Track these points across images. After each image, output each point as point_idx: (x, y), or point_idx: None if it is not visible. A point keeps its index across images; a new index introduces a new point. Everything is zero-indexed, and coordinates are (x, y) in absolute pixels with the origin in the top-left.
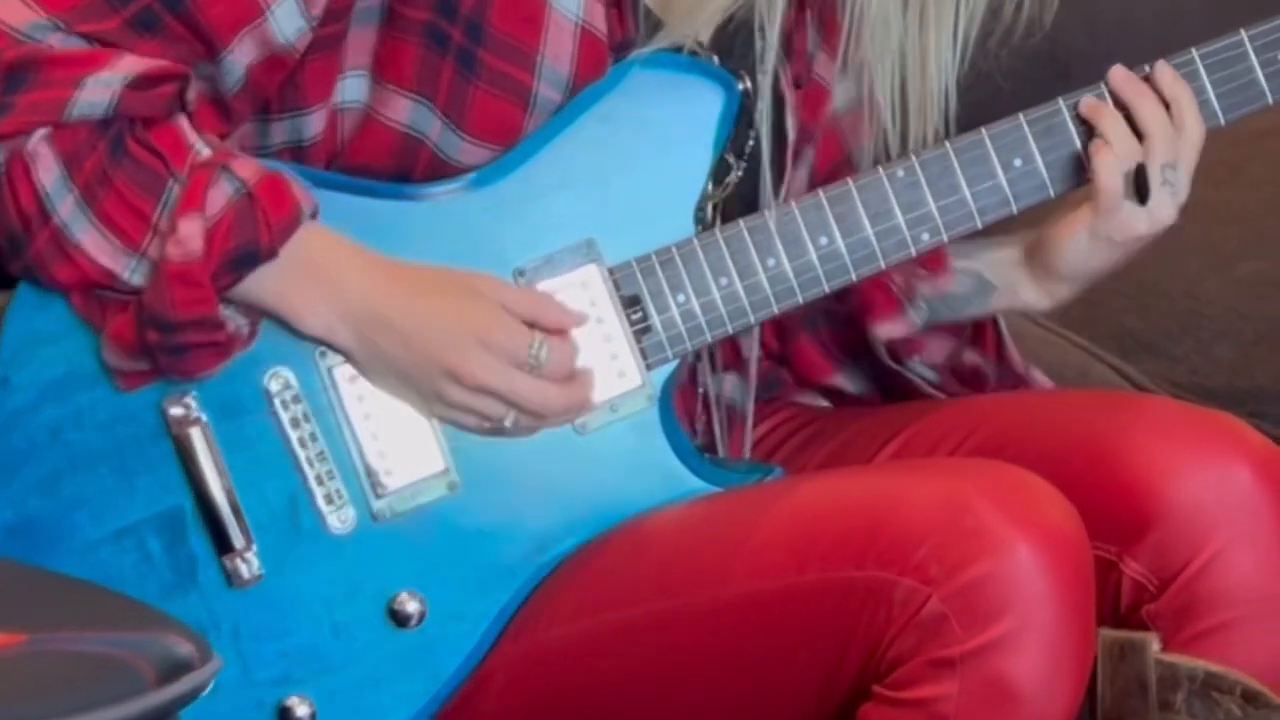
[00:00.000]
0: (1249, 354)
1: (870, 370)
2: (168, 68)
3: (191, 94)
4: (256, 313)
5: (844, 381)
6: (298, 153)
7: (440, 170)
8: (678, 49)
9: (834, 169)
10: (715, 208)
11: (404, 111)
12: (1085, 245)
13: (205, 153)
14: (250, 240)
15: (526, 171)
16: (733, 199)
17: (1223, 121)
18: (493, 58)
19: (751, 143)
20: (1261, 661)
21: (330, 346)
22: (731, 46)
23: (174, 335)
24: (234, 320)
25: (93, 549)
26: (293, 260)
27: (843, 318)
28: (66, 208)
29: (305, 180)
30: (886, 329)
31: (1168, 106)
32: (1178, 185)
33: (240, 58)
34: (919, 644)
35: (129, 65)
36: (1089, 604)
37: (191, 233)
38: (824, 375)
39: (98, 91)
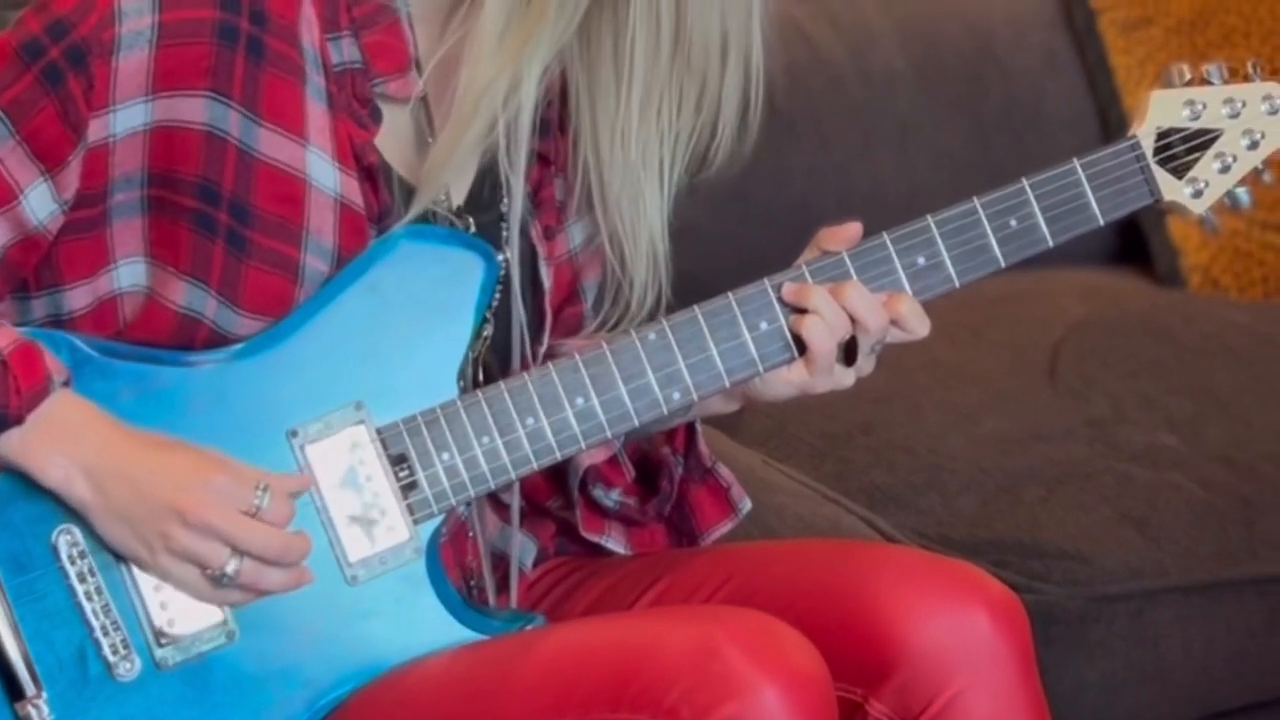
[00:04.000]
0: (990, 506)
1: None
2: None
3: None
4: None
5: (561, 505)
6: (59, 324)
7: (219, 343)
8: (433, 214)
9: (564, 302)
10: (475, 361)
11: (181, 293)
12: (787, 391)
13: None
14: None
15: (300, 338)
16: (494, 347)
17: (958, 285)
18: (260, 236)
19: (498, 298)
20: None
21: (68, 502)
22: (481, 203)
23: None
24: None
25: None
26: (36, 420)
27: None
28: None
29: (90, 348)
30: (587, 454)
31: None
32: (880, 348)
33: None
34: None
35: None
36: None
37: None
38: (544, 498)
39: None
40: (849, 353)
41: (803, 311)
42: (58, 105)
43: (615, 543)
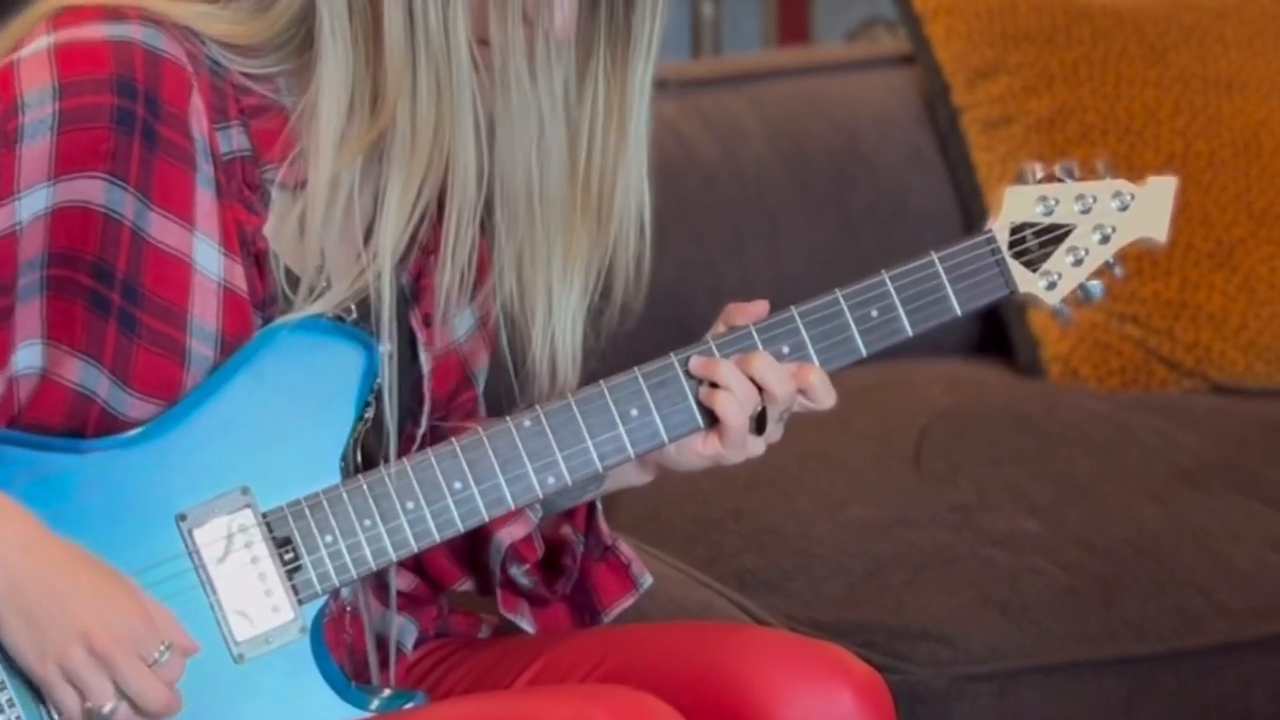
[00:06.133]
0: (857, 589)
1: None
2: None
3: None
4: None
5: (471, 585)
6: None
7: (111, 425)
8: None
9: (456, 389)
10: (356, 441)
11: (75, 371)
12: (700, 463)
13: None
14: None
15: (188, 425)
16: (375, 427)
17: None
18: (150, 318)
19: (379, 380)
20: None
21: None
22: (364, 293)
23: None
24: None
25: None
26: None
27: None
28: None
29: None
30: (508, 532)
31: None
32: (788, 416)
33: None
34: None
35: None
36: None
37: None
38: (452, 580)
39: None
40: (759, 422)
41: (713, 385)
42: None
43: (526, 621)
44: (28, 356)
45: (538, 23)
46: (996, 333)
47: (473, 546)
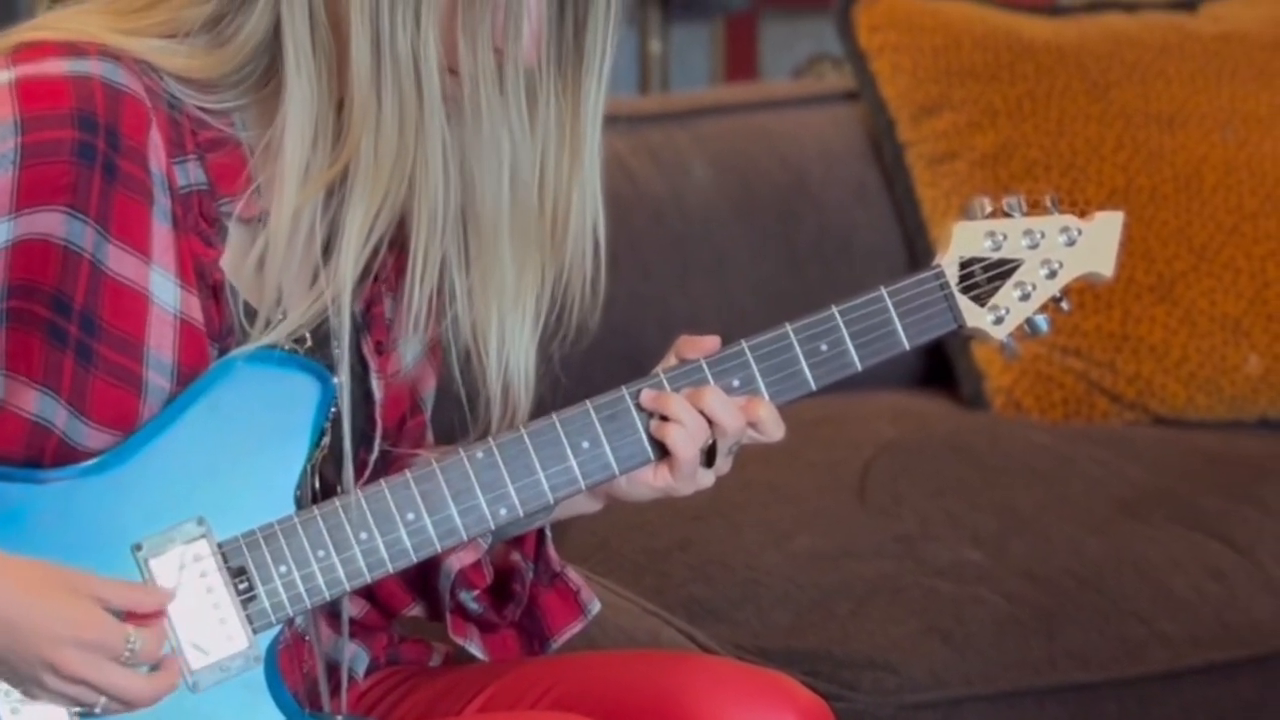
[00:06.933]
0: (803, 619)
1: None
2: None
3: None
4: None
5: (421, 611)
6: None
7: (69, 456)
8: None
9: (405, 416)
10: (313, 469)
11: (33, 402)
12: (650, 494)
13: None
14: None
15: (144, 456)
16: (330, 454)
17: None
18: (107, 349)
19: (334, 409)
20: None
21: None
22: (318, 320)
23: None
24: None
25: None
26: None
27: None
28: None
29: None
30: (457, 558)
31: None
32: (738, 448)
33: None
34: None
35: None
36: None
37: None
38: (402, 606)
39: None
40: (709, 454)
41: (663, 418)
42: None
43: (476, 647)
44: None
45: (507, 49)
46: (941, 365)
47: (422, 572)
